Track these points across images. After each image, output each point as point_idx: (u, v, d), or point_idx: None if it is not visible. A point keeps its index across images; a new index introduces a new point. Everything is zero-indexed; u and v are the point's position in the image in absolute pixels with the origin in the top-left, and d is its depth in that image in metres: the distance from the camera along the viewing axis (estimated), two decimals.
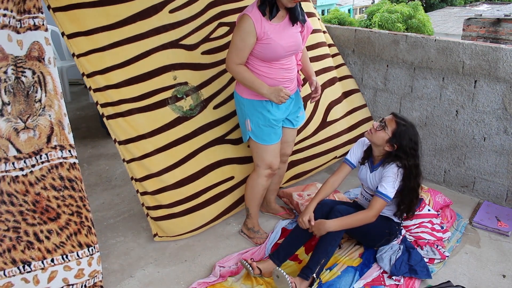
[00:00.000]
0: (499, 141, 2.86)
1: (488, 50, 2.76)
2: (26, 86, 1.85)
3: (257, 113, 2.32)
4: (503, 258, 2.44)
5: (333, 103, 3.31)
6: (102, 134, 4.10)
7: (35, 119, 1.85)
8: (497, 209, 2.86)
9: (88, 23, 2.24)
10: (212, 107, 2.66)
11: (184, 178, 2.53)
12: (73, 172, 1.93)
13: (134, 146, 2.41)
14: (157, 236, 2.58)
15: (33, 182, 1.85)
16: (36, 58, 1.88)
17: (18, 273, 1.81)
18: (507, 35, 11.23)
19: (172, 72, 2.50)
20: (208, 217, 2.65)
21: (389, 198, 2.21)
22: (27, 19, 1.84)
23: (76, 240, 1.95)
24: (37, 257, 1.85)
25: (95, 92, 2.32)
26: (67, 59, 5.11)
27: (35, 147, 1.86)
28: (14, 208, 1.83)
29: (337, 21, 20.12)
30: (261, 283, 2.22)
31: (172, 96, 2.50)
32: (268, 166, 2.44)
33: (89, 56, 2.26)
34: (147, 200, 2.49)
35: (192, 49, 2.59)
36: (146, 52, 2.41)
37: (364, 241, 2.47)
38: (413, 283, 2.22)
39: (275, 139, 2.40)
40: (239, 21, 2.19)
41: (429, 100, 3.13)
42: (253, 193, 2.52)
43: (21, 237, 1.83)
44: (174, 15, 2.52)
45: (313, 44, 3.25)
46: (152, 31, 2.43)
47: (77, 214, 1.96)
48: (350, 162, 2.44)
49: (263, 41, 2.16)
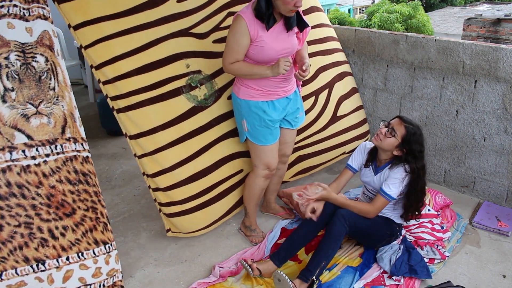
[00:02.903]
0: (499, 141, 2.86)
1: (488, 50, 2.76)
2: (38, 71, 1.76)
3: (252, 113, 2.32)
4: (503, 258, 2.44)
5: (342, 97, 3.25)
6: (102, 134, 4.10)
7: (49, 106, 1.76)
8: (497, 209, 2.86)
9: (94, 11, 2.17)
10: (226, 97, 2.57)
11: (197, 172, 2.44)
12: (86, 166, 1.85)
13: (146, 140, 2.32)
14: (170, 231, 2.52)
15: (48, 173, 1.73)
16: (47, 47, 1.82)
17: (32, 272, 1.70)
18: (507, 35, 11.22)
19: (184, 60, 2.41)
20: (220, 211, 2.59)
21: (392, 198, 2.22)
22: (36, 8, 1.79)
23: (92, 237, 1.84)
24: (52, 255, 1.73)
25: (105, 85, 2.25)
26: (67, 59, 5.11)
27: (50, 136, 1.75)
28: (25, 202, 1.69)
29: (337, 21, 20.10)
30: (261, 283, 2.22)
31: (186, 84, 2.41)
32: (265, 167, 2.43)
33: (96, 46, 2.19)
34: (159, 196, 2.42)
35: (203, 37, 2.51)
36: (156, 40, 2.32)
37: (365, 242, 2.47)
38: (413, 283, 2.22)
39: (271, 140, 2.39)
40: (233, 21, 2.18)
41: (429, 100, 3.13)
42: (251, 193, 2.52)
43: (34, 233, 1.70)
44: (181, 4, 2.45)
45: (322, 38, 3.20)
46: (161, 20, 2.35)
47: (92, 210, 1.86)
48: (352, 167, 2.46)
49: (256, 43, 2.15)
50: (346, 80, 3.33)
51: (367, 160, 2.42)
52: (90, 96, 5.10)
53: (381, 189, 2.25)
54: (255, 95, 2.28)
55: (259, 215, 2.70)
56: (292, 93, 2.41)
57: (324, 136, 3.13)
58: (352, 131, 3.31)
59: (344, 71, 3.32)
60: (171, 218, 2.47)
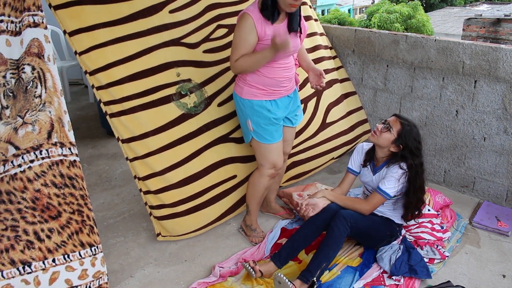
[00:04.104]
0: (499, 141, 2.86)
1: (488, 50, 2.76)
2: (25, 81, 1.81)
3: (257, 113, 2.32)
4: (503, 258, 2.44)
5: (331, 104, 3.33)
6: (102, 134, 4.10)
7: (34, 114, 1.81)
8: (497, 209, 2.86)
9: (89, 19, 2.24)
10: (216, 105, 2.65)
11: (188, 177, 2.51)
12: (73, 170, 1.88)
13: (137, 144, 2.39)
14: (160, 235, 2.56)
15: (32, 178, 1.79)
16: (35, 55, 1.85)
17: (18, 275, 1.73)
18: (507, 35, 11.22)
19: (175, 68, 2.49)
20: (211, 216, 2.63)
21: (389, 195, 2.23)
22: (26, 17, 1.81)
23: (78, 239, 1.88)
24: (38, 257, 1.77)
25: (98, 90, 2.31)
26: (67, 59, 5.11)
27: (34, 142, 1.80)
28: (12, 206, 1.75)
29: (337, 21, 20.12)
30: (261, 283, 2.22)
31: (176, 92, 2.49)
32: (272, 166, 2.43)
33: (90, 53, 2.25)
34: (150, 199, 2.48)
35: (193, 47, 2.59)
36: (148, 48, 2.40)
37: (365, 242, 2.47)
38: (413, 283, 2.22)
39: (277, 137, 2.40)
40: (239, 19, 2.19)
41: (429, 100, 3.13)
42: (254, 192, 2.52)
43: (20, 236, 1.75)
44: (174, 15, 2.53)
45: (313, 47, 3.28)
46: (153, 29, 2.43)
47: (78, 213, 1.90)
48: (353, 170, 2.49)
49: (263, 41, 2.16)
50: (335, 88, 3.39)
51: (365, 160, 2.43)
52: (90, 96, 5.10)
53: (378, 187, 2.26)
54: (258, 94, 2.29)
55: (259, 215, 2.70)
56: (292, 91, 2.43)
57: (315, 143, 3.20)
58: (342, 137, 3.37)
59: (332, 79, 3.38)
60: (161, 221, 2.52)
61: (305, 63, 2.50)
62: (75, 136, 1.95)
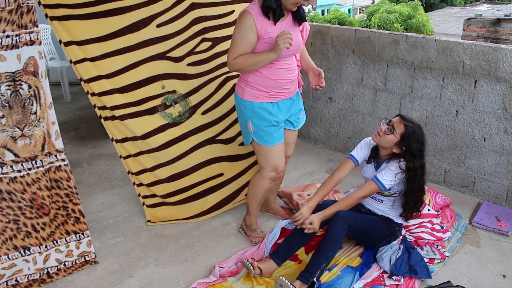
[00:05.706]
0: (499, 141, 2.86)
1: (488, 50, 2.76)
2: (23, 98, 2.04)
3: (258, 114, 2.30)
4: (503, 258, 2.44)
5: None
6: (102, 134, 4.09)
7: (31, 129, 2.09)
8: (497, 209, 2.86)
9: (81, 34, 2.38)
10: (200, 113, 2.80)
11: (176, 173, 2.71)
12: (58, 174, 2.24)
13: (130, 144, 2.61)
14: (150, 222, 2.76)
15: (30, 182, 2.14)
16: (31, 73, 2.05)
17: (20, 256, 2.18)
18: (507, 35, 11.21)
19: (160, 82, 2.64)
20: (198, 209, 2.80)
21: (384, 187, 2.22)
22: (24, 34, 1.98)
23: (64, 229, 2.31)
24: (35, 243, 2.21)
25: (92, 96, 2.49)
26: (67, 59, 5.10)
27: (31, 153, 2.12)
28: (13, 204, 2.13)
29: (337, 21, 20.11)
30: (261, 283, 2.22)
31: (162, 103, 2.65)
32: (273, 168, 2.41)
33: (84, 63, 2.41)
34: (143, 190, 2.71)
35: (178, 61, 2.71)
36: (135, 63, 2.54)
37: (365, 242, 2.47)
38: (413, 283, 2.22)
39: (278, 139, 2.37)
40: (239, 17, 2.16)
41: (429, 100, 3.13)
42: (254, 194, 2.52)
43: (20, 228, 2.16)
44: (160, 29, 2.62)
45: None
46: (141, 44, 2.55)
47: (63, 208, 2.29)
48: (355, 159, 2.42)
49: (264, 39, 2.14)
50: None
51: (369, 157, 2.41)
52: None
53: (375, 176, 2.26)
54: (260, 96, 2.27)
55: (259, 215, 2.70)
56: (295, 94, 2.41)
57: None
58: None
59: None
60: (152, 208, 2.75)
61: (306, 63, 2.51)
62: (75, 136, 1.98)
